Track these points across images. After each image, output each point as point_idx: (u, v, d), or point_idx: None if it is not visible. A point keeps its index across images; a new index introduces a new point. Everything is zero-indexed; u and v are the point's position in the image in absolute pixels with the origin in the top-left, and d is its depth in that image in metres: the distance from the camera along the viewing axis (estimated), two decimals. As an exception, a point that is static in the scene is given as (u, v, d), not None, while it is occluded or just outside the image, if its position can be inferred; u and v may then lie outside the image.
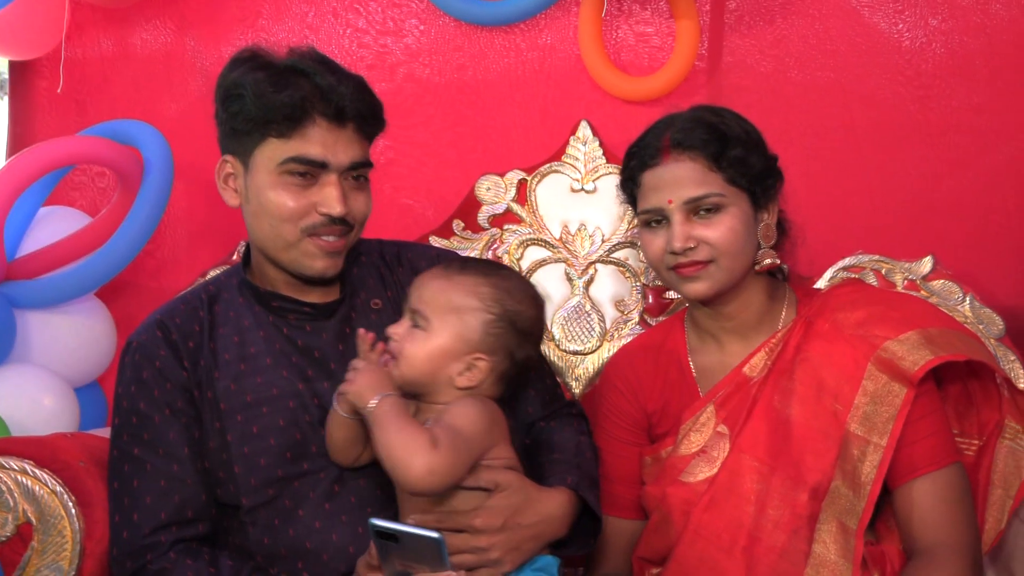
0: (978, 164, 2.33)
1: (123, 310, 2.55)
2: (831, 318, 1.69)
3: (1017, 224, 2.32)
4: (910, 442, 1.60)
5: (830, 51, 2.37)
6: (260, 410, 1.66)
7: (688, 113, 1.72)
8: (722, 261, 1.66)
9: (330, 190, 1.63)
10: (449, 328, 1.54)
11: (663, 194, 1.68)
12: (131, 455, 1.63)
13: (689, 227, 1.65)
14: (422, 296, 1.57)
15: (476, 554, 1.51)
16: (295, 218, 1.64)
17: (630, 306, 2.24)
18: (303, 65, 1.64)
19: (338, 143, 1.63)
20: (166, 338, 1.68)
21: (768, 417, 1.66)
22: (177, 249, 2.59)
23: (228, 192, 1.72)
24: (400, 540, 1.40)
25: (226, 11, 2.59)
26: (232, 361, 1.69)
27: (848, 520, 1.59)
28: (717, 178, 1.65)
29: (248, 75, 1.63)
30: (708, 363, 1.78)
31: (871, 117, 2.37)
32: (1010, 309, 2.26)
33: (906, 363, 1.59)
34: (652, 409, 1.80)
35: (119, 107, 2.60)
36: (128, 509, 1.61)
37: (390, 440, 1.45)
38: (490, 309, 1.55)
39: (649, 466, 1.78)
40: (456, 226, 2.31)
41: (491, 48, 2.49)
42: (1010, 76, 2.30)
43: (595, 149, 2.29)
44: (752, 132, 1.70)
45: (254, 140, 1.64)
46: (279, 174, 1.63)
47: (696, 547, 1.65)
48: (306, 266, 1.67)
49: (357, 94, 1.65)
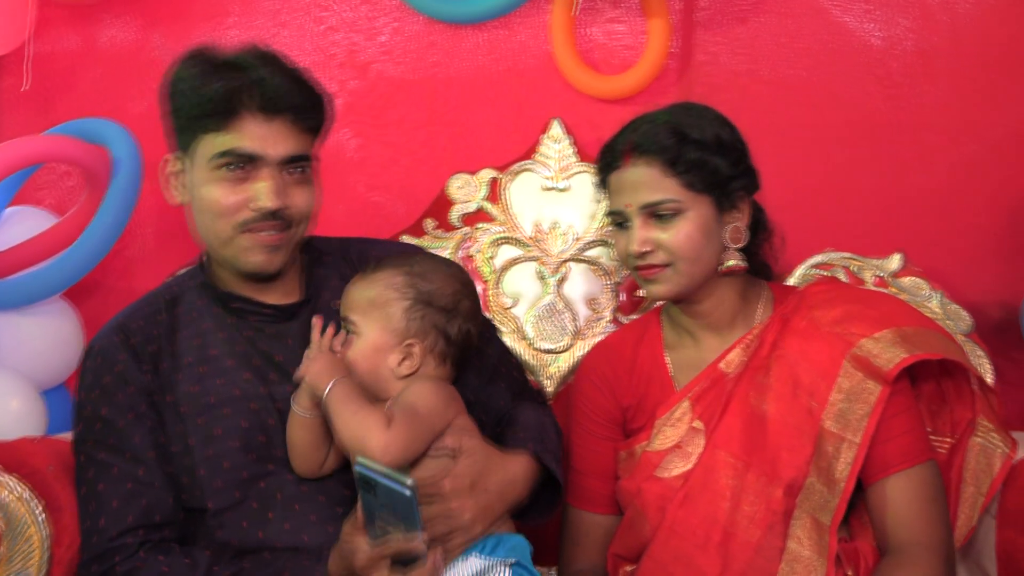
0: (945, 162, 2.35)
1: (91, 311, 2.53)
2: (808, 315, 1.70)
3: (985, 221, 2.34)
4: (884, 439, 1.61)
5: (800, 50, 2.39)
6: (222, 411, 1.64)
7: (655, 115, 1.72)
8: (679, 265, 1.67)
9: (264, 184, 1.61)
10: (375, 324, 1.60)
11: (623, 197, 1.70)
12: (96, 460, 1.62)
13: (647, 231, 1.67)
14: (346, 303, 1.62)
15: (448, 519, 1.53)
16: (229, 213, 1.62)
17: (603, 304, 2.24)
18: (241, 59, 1.63)
19: (271, 136, 1.61)
20: (125, 342, 1.67)
21: (743, 413, 1.67)
22: (146, 249, 2.57)
23: (172, 190, 1.72)
24: (377, 491, 1.40)
25: (195, 8, 2.57)
26: (193, 364, 1.67)
27: (822, 516, 1.60)
28: (673, 183, 1.66)
29: (186, 71, 1.64)
30: (684, 358, 1.78)
31: (840, 115, 2.38)
32: (978, 305, 2.28)
33: (881, 361, 1.60)
34: (627, 404, 1.81)
35: (86, 105, 2.57)
36: (95, 514, 1.59)
37: (346, 422, 1.50)
38: (406, 295, 1.61)
39: (624, 461, 1.79)
40: (428, 225, 2.30)
41: (463, 46, 2.49)
42: (976, 74, 2.33)
43: (567, 147, 2.29)
44: (723, 134, 1.69)
45: (192, 135, 1.64)
46: (213, 169, 1.62)
47: (671, 543, 1.66)
48: (243, 261, 1.66)
49: (291, 85, 1.63)
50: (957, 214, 2.35)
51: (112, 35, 2.59)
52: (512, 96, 2.47)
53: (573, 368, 2.22)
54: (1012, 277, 2.30)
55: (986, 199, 2.34)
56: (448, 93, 2.50)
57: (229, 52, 1.66)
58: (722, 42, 2.41)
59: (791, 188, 2.31)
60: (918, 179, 2.36)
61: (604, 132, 2.38)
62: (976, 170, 2.34)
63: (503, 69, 2.47)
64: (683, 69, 2.42)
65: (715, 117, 1.72)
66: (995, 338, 2.28)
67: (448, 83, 2.50)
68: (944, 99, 2.34)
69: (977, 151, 2.33)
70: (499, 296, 2.25)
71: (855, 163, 2.38)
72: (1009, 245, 2.32)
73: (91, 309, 2.53)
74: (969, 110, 2.33)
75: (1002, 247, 2.32)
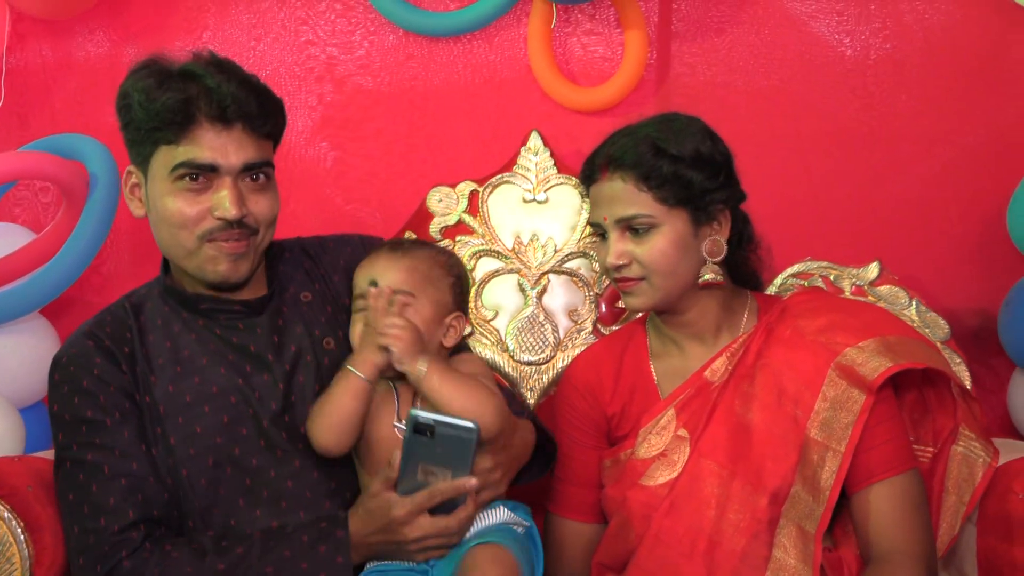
0: (920, 171, 2.38)
1: (69, 327, 2.47)
2: (792, 324, 1.71)
3: (959, 229, 2.37)
4: (868, 448, 1.62)
5: (776, 61, 2.41)
6: (201, 409, 1.64)
7: (635, 127, 1.73)
8: (654, 279, 1.69)
9: (224, 193, 1.61)
10: (429, 297, 1.69)
11: (601, 210, 1.72)
12: (85, 462, 1.60)
13: (623, 244, 1.69)
14: (397, 277, 1.68)
15: (482, 476, 1.59)
16: (191, 224, 1.62)
17: (583, 315, 2.24)
18: (193, 68, 1.62)
19: (228, 144, 1.60)
20: (99, 346, 1.65)
21: (729, 422, 1.68)
22: (123, 264, 2.56)
23: (134, 203, 1.70)
24: (435, 434, 1.50)
25: (171, 22, 2.56)
26: (167, 365, 1.67)
27: (807, 525, 1.61)
28: (647, 198, 1.67)
29: (138, 82, 1.62)
30: (669, 367, 1.79)
31: (817, 126, 2.41)
32: (954, 313, 2.31)
33: (866, 370, 1.61)
34: (612, 412, 1.81)
35: (62, 120, 2.55)
36: (91, 516, 1.57)
37: (461, 392, 1.60)
38: (450, 272, 1.75)
39: (608, 468, 1.79)
40: (408, 237, 2.30)
41: (441, 59, 2.49)
42: (948, 83, 2.36)
43: (546, 159, 2.29)
44: (702, 147, 1.69)
45: (148, 148, 1.62)
46: (172, 180, 1.61)
47: (656, 552, 1.66)
48: (209, 271, 1.65)
49: (242, 92, 1.61)
50: (933, 223, 2.37)
51: (87, 50, 2.58)
52: (491, 109, 2.48)
53: (555, 380, 2.22)
54: (988, 284, 2.33)
55: (961, 207, 2.37)
56: (426, 106, 2.50)
57: (179, 61, 1.64)
58: (699, 53, 2.43)
59: (769, 198, 2.32)
60: (894, 188, 2.39)
61: (583, 144, 2.39)
62: (951, 179, 2.37)
63: (481, 82, 2.48)
64: (660, 80, 2.44)
65: (698, 130, 1.72)
66: (972, 345, 2.31)
67: (426, 96, 2.50)
68: (918, 109, 2.37)
69: (951, 160, 2.36)
70: (480, 308, 2.25)
71: (832, 173, 2.40)
72: (984, 253, 2.35)
73: (68, 325, 2.50)
74: (943, 120, 2.36)
75: (978, 255, 2.35)
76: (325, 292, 1.81)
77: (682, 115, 1.76)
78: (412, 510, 1.53)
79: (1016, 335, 2.13)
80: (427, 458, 1.52)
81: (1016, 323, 2.13)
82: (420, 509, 1.54)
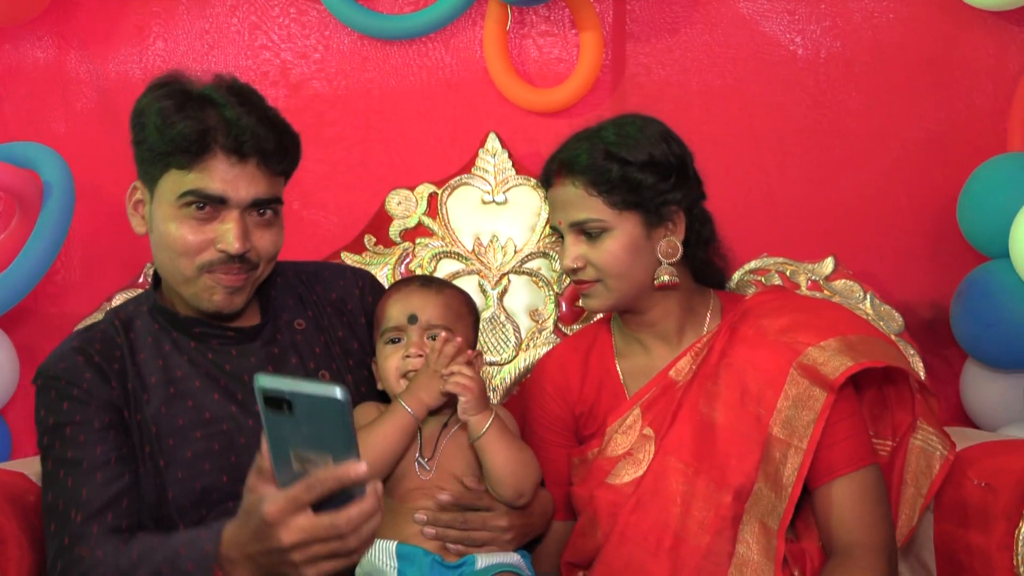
0: (872, 167, 2.42)
1: (23, 339, 2.47)
2: (755, 324, 1.73)
3: (911, 224, 2.41)
4: (829, 444, 1.65)
5: (729, 60, 2.44)
6: (193, 434, 1.62)
7: (590, 131, 1.75)
8: (608, 282, 1.71)
9: (229, 227, 1.59)
10: (464, 333, 1.74)
11: (557, 214, 1.75)
12: (65, 460, 1.57)
13: (578, 247, 1.72)
14: (436, 313, 1.73)
15: (492, 532, 1.63)
16: (192, 253, 1.60)
17: (544, 315, 2.25)
18: (213, 95, 1.59)
19: (239, 178, 1.58)
20: (89, 362, 1.62)
21: (693, 420, 1.69)
22: (78, 274, 2.52)
23: (136, 219, 1.68)
24: (294, 409, 1.15)
25: (121, 27, 2.52)
26: (159, 384, 1.64)
27: (770, 521, 1.63)
28: (597, 202, 1.69)
29: (156, 102, 1.59)
30: (635, 366, 1.81)
31: (770, 124, 2.44)
32: (908, 305, 2.35)
33: (827, 369, 1.63)
34: (580, 411, 1.82)
35: (12, 128, 2.51)
36: (64, 510, 1.54)
37: (511, 457, 1.65)
38: (473, 311, 1.82)
39: (576, 467, 1.81)
40: (368, 241, 2.30)
41: (397, 62, 2.49)
42: (897, 81, 2.40)
43: (504, 161, 2.30)
44: (655, 151, 1.70)
45: (158, 169, 1.60)
46: (179, 207, 1.58)
47: (623, 549, 1.67)
48: (204, 300, 1.63)
49: (261, 128, 1.59)
50: (885, 217, 2.41)
51: (36, 56, 2.54)
52: (448, 111, 2.48)
53: (518, 379, 2.23)
54: (940, 277, 2.37)
55: (912, 202, 2.41)
56: (383, 109, 2.49)
57: (200, 85, 1.61)
58: (653, 53, 2.45)
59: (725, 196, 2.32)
60: (847, 184, 2.42)
61: (540, 145, 2.42)
62: (902, 174, 2.41)
63: (438, 84, 2.48)
64: (616, 81, 2.45)
65: (653, 132, 1.73)
66: (925, 337, 2.35)
67: (383, 99, 2.49)
68: (869, 106, 2.41)
69: (902, 156, 2.41)
70: (441, 311, 2.25)
71: (786, 170, 2.43)
72: (936, 246, 2.39)
73: (23, 336, 2.47)
74: (893, 117, 2.41)
75: (929, 248, 2.40)
76: (319, 321, 1.79)
77: (640, 117, 1.78)
78: (285, 507, 1.20)
79: (967, 326, 2.17)
80: (296, 441, 1.18)
81: (967, 314, 2.17)
82: (296, 506, 1.20)
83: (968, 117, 2.39)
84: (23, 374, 2.43)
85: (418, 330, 1.70)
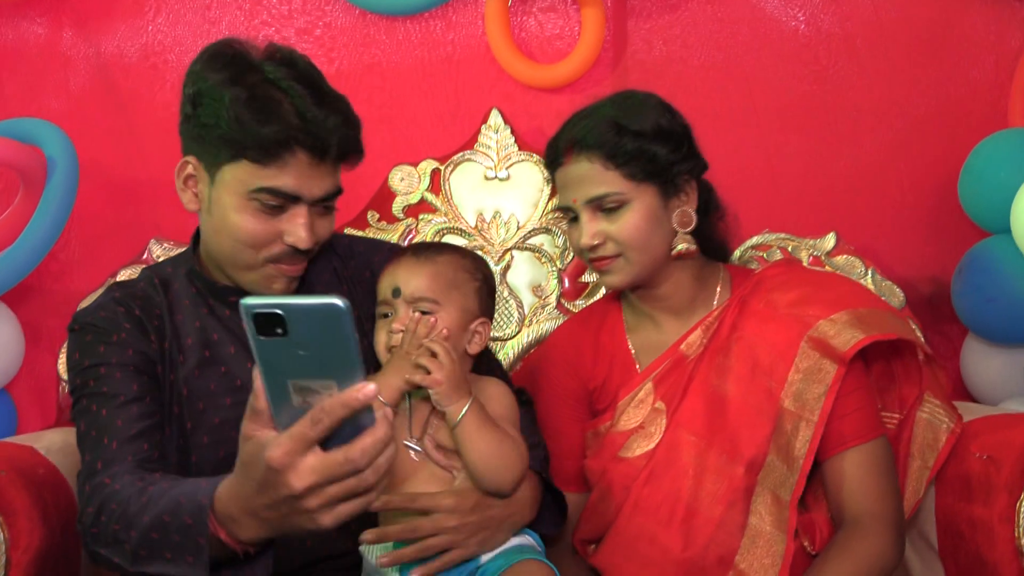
0: (873, 142, 2.43)
1: (28, 314, 2.48)
2: (765, 298, 1.74)
3: (911, 198, 2.42)
4: (839, 416, 1.66)
5: (730, 36, 2.44)
6: (223, 401, 1.63)
7: (594, 108, 1.74)
8: (630, 255, 1.70)
9: (299, 221, 1.56)
10: (455, 304, 1.63)
11: (569, 193, 1.73)
12: (101, 394, 1.55)
13: (595, 224, 1.70)
14: (421, 285, 1.62)
15: (447, 534, 1.51)
16: (259, 245, 1.57)
17: (547, 291, 2.26)
18: (287, 86, 1.53)
19: (315, 177, 1.55)
20: (129, 314, 1.62)
21: (704, 394, 1.71)
22: (81, 250, 2.52)
23: (187, 195, 1.62)
24: (288, 329, 1.01)
25: (121, 4, 2.52)
26: (195, 347, 1.64)
27: (782, 492, 1.65)
28: (615, 176, 1.68)
29: (227, 89, 1.51)
30: (645, 341, 1.81)
31: (772, 100, 2.44)
32: (909, 281, 2.36)
33: (837, 342, 1.64)
34: (593, 386, 1.83)
35: (12, 105, 2.51)
36: (97, 437, 1.52)
37: (489, 448, 1.53)
38: (475, 277, 1.67)
39: (590, 441, 1.82)
40: (371, 217, 2.30)
41: (399, 38, 2.48)
42: (898, 56, 2.40)
43: (507, 137, 2.31)
44: (662, 121, 1.71)
45: (225, 156, 1.54)
46: (248, 199, 1.54)
47: (635, 520, 1.69)
48: (263, 287, 1.62)
49: (343, 130, 1.57)
50: (887, 193, 2.42)
51: (36, 33, 2.53)
52: (450, 87, 2.48)
53: (521, 355, 2.24)
54: (940, 252, 2.38)
55: (913, 178, 2.42)
56: (385, 85, 2.49)
57: (264, 61, 1.54)
58: (654, 30, 2.45)
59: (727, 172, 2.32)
60: (848, 160, 2.43)
61: (542, 121, 2.43)
62: (903, 150, 2.41)
63: (440, 60, 2.48)
64: (617, 57, 2.45)
65: (655, 104, 1.74)
66: (926, 312, 2.37)
67: (384, 75, 2.49)
68: (869, 82, 2.41)
69: (903, 132, 2.41)
70: (444, 286, 2.26)
71: (787, 146, 2.44)
72: (937, 222, 2.40)
73: (28, 313, 2.48)
74: (894, 92, 2.41)
75: (930, 224, 2.40)
76: (352, 295, 1.77)
77: (638, 92, 1.78)
78: (291, 448, 1.08)
79: (968, 301, 2.18)
80: (294, 370, 1.05)
81: (968, 290, 2.18)
82: (304, 445, 1.08)
83: (969, 93, 2.39)
84: (28, 350, 2.44)
85: (403, 304, 1.62)
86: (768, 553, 1.63)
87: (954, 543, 1.74)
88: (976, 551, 1.66)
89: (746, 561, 1.63)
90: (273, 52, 1.58)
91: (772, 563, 1.62)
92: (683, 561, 1.64)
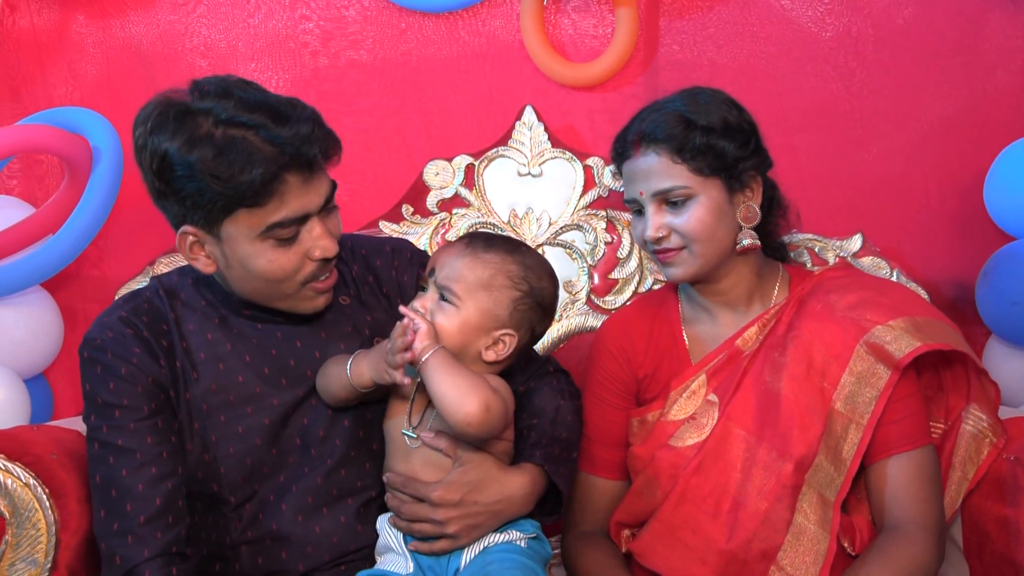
0: (899, 145, 2.44)
1: (67, 300, 2.52)
2: (824, 299, 1.77)
3: (936, 201, 2.44)
4: (888, 422, 1.69)
5: (760, 39, 2.45)
6: (244, 410, 1.65)
7: (663, 102, 1.77)
8: (694, 248, 1.73)
9: (318, 234, 1.58)
10: (479, 304, 1.60)
11: (637, 186, 1.76)
12: (115, 446, 1.60)
13: (661, 216, 1.73)
14: (451, 273, 1.61)
15: (434, 525, 1.57)
16: (292, 275, 1.60)
17: (578, 287, 2.30)
18: (245, 119, 1.50)
19: (311, 190, 1.57)
20: (137, 335, 1.63)
21: (758, 389, 1.74)
22: (120, 238, 2.56)
23: (200, 261, 1.61)
24: None
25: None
26: (208, 361, 1.66)
27: (827, 493, 1.68)
28: (682, 169, 1.71)
29: (191, 153, 1.49)
30: (701, 333, 1.84)
31: (800, 102, 2.46)
32: (933, 283, 2.38)
33: (893, 348, 1.67)
34: (643, 375, 1.86)
35: (56, 93, 2.56)
36: (118, 499, 1.58)
37: (453, 381, 1.51)
38: (518, 287, 1.63)
39: (636, 428, 1.85)
40: (405, 211, 2.34)
41: (435, 35, 2.52)
42: (926, 60, 2.41)
43: (540, 134, 2.34)
44: (729, 117, 1.74)
45: (220, 215, 1.53)
46: (261, 240, 1.56)
47: (681, 509, 1.72)
48: (307, 307, 1.66)
49: (316, 132, 1.55)
50: (913, 195, 2.44)
51: (80, 22, 2.56)
52: (484, 84, 2.51)
53: (550, 350, 2.27)
54: (965, 255, 2.40)
55: (940, 180, 2.44)
56: (420, 80, 2.52)
57: (220, 109, 1.50)
58: (687, 30, 2.48)
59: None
60: (875, 163, 2.45)
61: (575, 119, 2.46)
62: (930, 153, 2.43)
63: (475, 57, 2.50)
64: (649, 56, 2.48)
65: (723, 100, 1.77)
66: (950, 315, 2.35)
67: (420, 70, 2.52)
68: (897, 85, 2.43)
69: (930, 134, 2.43)
70: (476, 280, 2.29)
71: (815, 148, 2.46)
72: (962, 225, 2.42)
73: (66, 298, 2.52)
74: (922, 95, 2.43)
75: (956, 226, 2.43)
76: (359, 296, 1.79)
77: (705, 88, 1.81)
78: None
79: (993, 304, 2.21)
80: None
81: (993, 293, 2.20)
82: None
83: (996, 97, 2.41)
84: (68, 336, 2.48)
85: (433, 285, 1.62)
86: (811, 551, 1.66)
87: (980, 542, 1.77)
88: (1002, 551, 1.69)
89: (788, 558, 1.66)
90: (204, 88, 1.54)
91: (814, 561, 1.65)
92: (725, 552, 1.67)
